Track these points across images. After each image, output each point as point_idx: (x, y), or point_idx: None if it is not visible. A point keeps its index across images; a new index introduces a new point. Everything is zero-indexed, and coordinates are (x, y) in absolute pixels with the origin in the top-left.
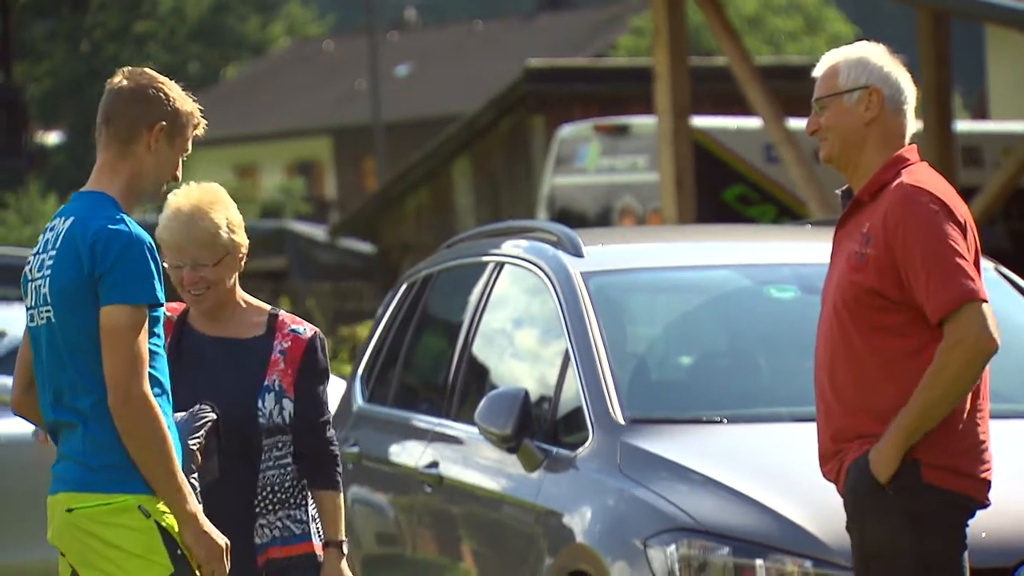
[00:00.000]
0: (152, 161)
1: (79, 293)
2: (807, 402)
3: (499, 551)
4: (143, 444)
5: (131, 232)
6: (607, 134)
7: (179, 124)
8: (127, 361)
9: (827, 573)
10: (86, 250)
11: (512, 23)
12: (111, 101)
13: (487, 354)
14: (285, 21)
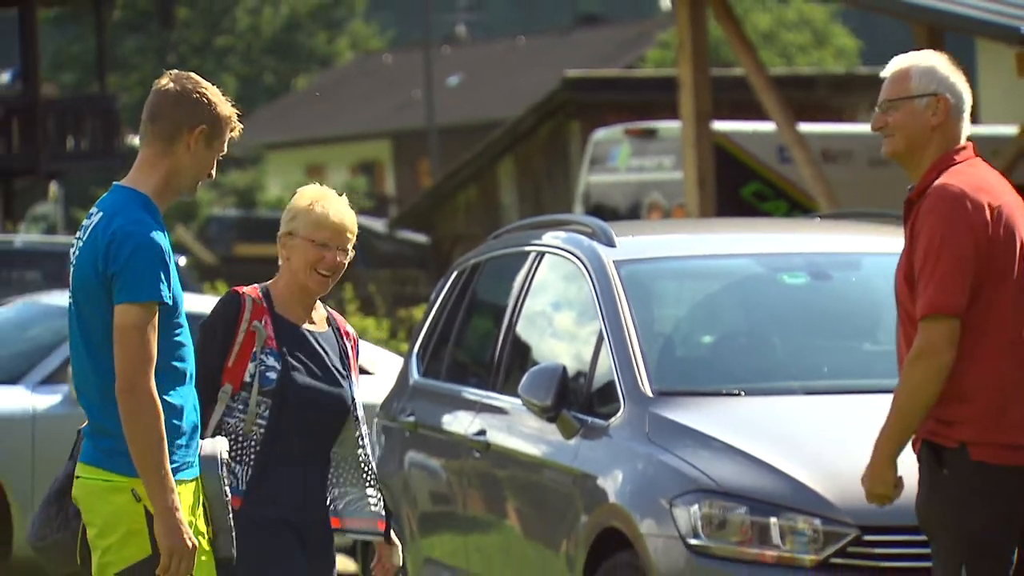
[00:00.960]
0: (190, 160)
1: (95, 289)
2: (817, 376)
3: (540, 510)
4: (138, 435)
5: (146, 234)
6: (637, 137)
7: (218, 127)
8: (134, 357)
9: (834, 530)
10: (103, 249)
11: (551, 38)
12: (157, 101)
13: (529, 334)
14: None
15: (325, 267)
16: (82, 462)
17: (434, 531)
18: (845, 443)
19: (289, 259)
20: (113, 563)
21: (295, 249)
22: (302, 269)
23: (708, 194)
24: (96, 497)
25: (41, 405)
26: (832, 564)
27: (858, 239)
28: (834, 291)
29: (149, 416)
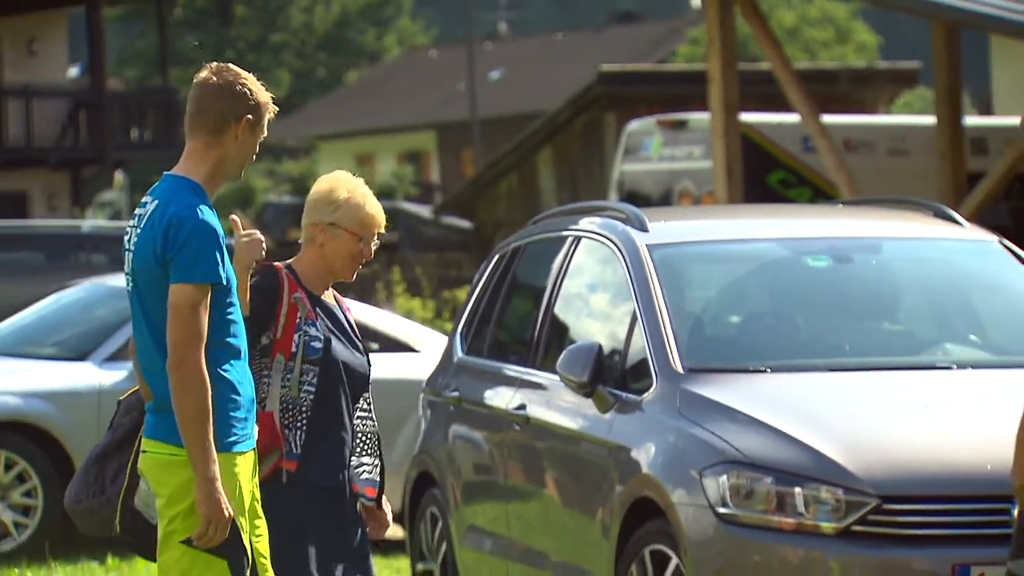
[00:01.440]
0: (237, 149)
1: (154, 271)
2: (839, 354)
3: (577, 480)
4: (185, 407)
5: (200, 218)
6: (668, 128)
7: (260, 115)
8: (185, 334)
9: (856, 499)
10: (160, 234)
11: (587, 35)
12: (201, 95)
13: (566, 314)
14: (397, 33)
15: (364, 259)
16: (148, 437)
17: (476, 500)
18: (866, 417)
19: (324, 245)
20: (179, 531)
21: (336, 240)
22: (340, 258)
23: (736, 182)
24: (163, 470)
25: (107, 380)
26: (853, 532)
27: (878, 224)
28: (855, 274)
29: (196, 390)
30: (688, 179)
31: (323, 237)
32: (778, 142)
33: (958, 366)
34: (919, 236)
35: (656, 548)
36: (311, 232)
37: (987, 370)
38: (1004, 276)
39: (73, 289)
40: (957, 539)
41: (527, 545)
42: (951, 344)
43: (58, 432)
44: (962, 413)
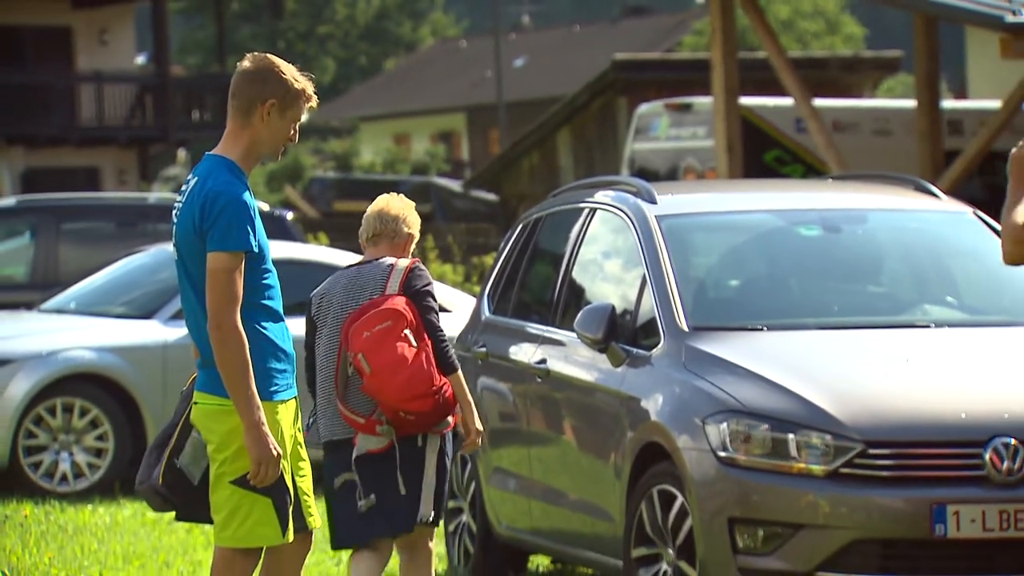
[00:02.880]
0: (266, 131)
1: (195, 242)
2: (828, 314)
3: (592, 427)
4: (226, 363)
5: (233, 192)
6: (675, 111)
7: (289, 99)
8: (222, 297)
9: (843, 445)
10: (198, 208)
11: (602, 26)
12: (236, 81)
13: (583, 278)
14: (431, 25)
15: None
16: (198, 390)
17: (502, 445)
18: (852, 370)
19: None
20: (228, 473)
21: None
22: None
23: (736, 159)
24: (211, 419)
25: (171, 337)
26: (841, 474)
27: (864, 197)
28: (843, 242)
29: (235, 347)
30: (692, 156)
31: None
32: (773, 123)
33: (936, 325)
34: (901, 208)
35: (663, 488)
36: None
37: (962, 328)
38: (977, 244)
39: (140, 254)
40: (934, 481)
41: (547, 485)
42: (929, 305)
43: (127, 383)
44: (939, 367)
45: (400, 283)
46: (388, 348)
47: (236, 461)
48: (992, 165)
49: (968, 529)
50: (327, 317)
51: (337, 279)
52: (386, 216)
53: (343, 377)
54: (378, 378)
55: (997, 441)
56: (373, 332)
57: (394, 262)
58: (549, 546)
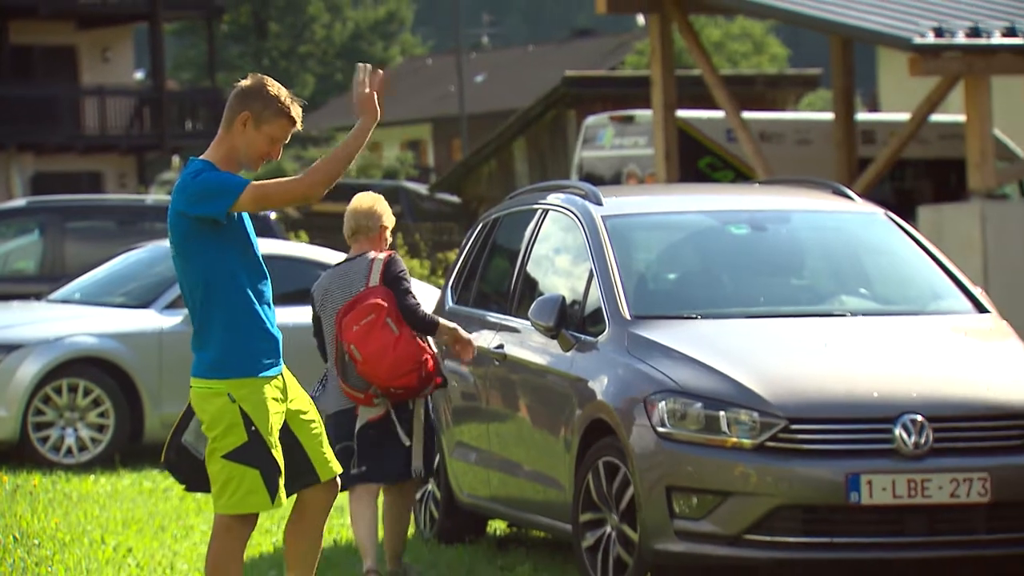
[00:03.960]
0: (242, 140)
1: (177, 227)
2: (755, 304)
3: (544, 405)
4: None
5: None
6: (619, 122)
7: (266, 115)
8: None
9: (768, 421)
10: (177, 192)
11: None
12: (231, 94)
13: (536, 271)
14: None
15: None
16: (192, 375)
17: (463, 421)
18: (776, 354)
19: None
20: (219, 448)
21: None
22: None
23: (673, 166)
24: (202, 400)
25: (166, 324)
26: (766, 447)
27: (787, 200)
28: (769, 239)
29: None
30: (634, 163)
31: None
32: (707, 133)
33: (851, 313)
34: (820, 209)
35: (608, 460)
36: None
37: (874, 317)
38: (888, 241)
39: (138, 250)
40: (849, 453)
41: (504, 457)
42: (845, 296)
43: (126, 366)
44: (854, 352)
45: (380, 274)
46: (374, 339)
47: (225, 438)
48: (901, 171)
49: (880, 496)
50: (327, 309)
51: (331, 275)
52: (359, 213)
53: (341, 362)
54: (368, 364)
55: (905, 418)
56: (360, 326)
57: (374, 256)
58: (506, 512)
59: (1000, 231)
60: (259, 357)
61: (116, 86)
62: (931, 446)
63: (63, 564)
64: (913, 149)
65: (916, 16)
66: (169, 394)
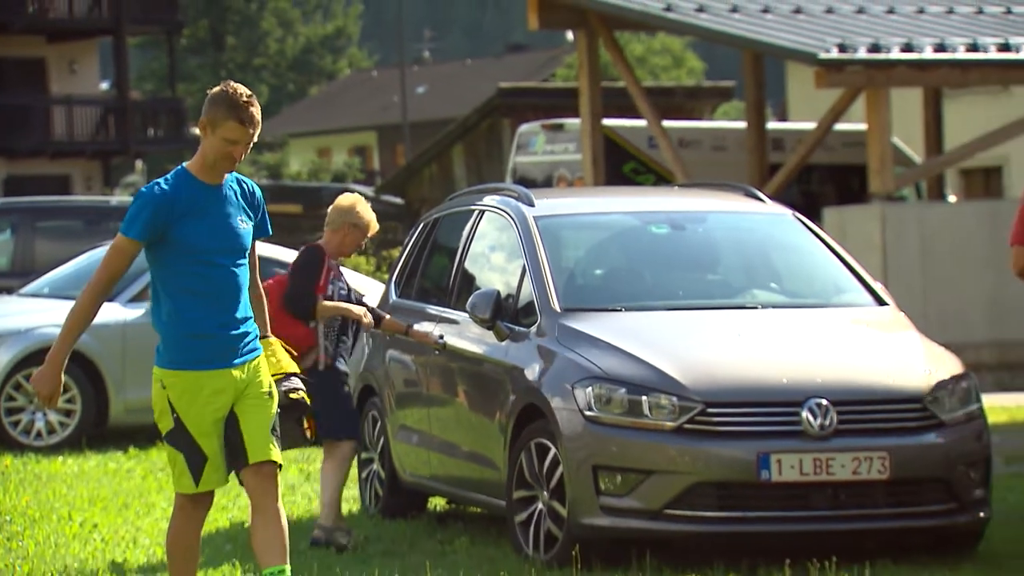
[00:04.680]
0: (208, 146)
1: None
2: (675, 297)
3: (481, 391)
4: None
5: (145, 188)
6: (550, 130)
7: (217, 120)
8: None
9: (686, 405)
10: None
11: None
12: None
13: (473, 267)
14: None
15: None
16: None
17: (406, 406)
18: (694, 344)
19: (346, 237)
20: (160, 431)
21: (354, 234)
22: (352, 248)
23: (599, 170)
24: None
25: (130, 316)
26: (685, 429)
27: (704, 201)
28: (687, 238)
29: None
30: (564, 168)
31: (343, 231)
32: (630, 140)
33: (762, 306)
34: (734, 210)
35: (539, 441)
36: (338, 227)
37: (783, 309)
38: (796, 240)
39: (103, 247)
40: (760, 434)
41: (444, 439)
42: (757, 290)
43: (92, 355)
44: (765, 341)
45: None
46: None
47: (160, 421)
48: (808, 176)
49: (788, 474)
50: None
51: None
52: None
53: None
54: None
55: (812, 402)
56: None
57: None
58: (445, 490)
59: (898, 231)
60: (193, 352)
61: (83, 96)
62: (835, 427)
63: (33, 539)
64: (819, 155)
65: (822, 33)
66: (132, 382)
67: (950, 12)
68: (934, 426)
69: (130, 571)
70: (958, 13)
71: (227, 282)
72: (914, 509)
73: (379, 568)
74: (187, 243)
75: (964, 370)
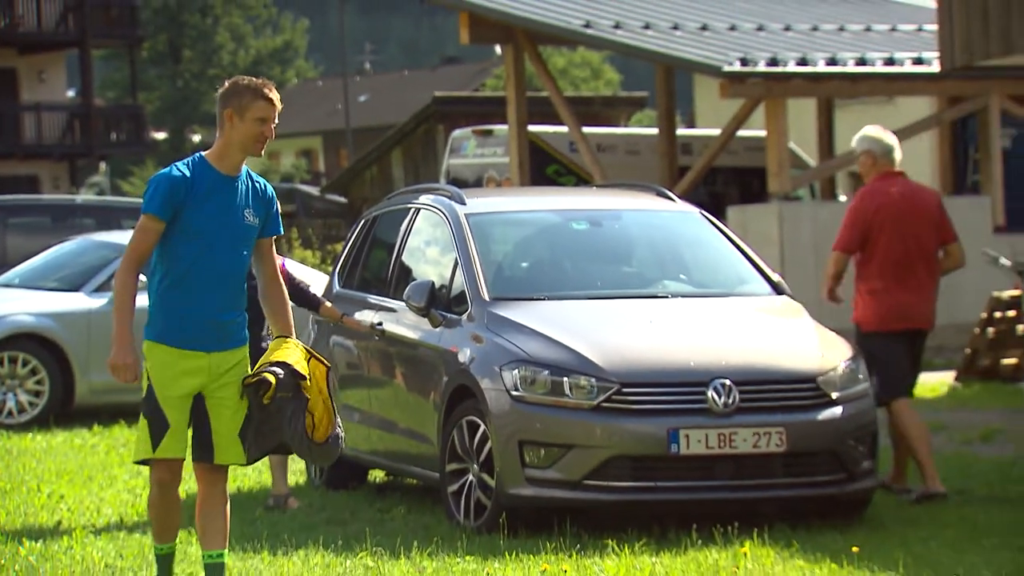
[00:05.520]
0: (236, 136)
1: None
2: (593, 288)
3: (416, 373)
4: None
5: (161, 172)
6: (480, 135)
7: (244, 104)
8: (127, 249)
9: (604, 385)
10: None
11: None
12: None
13: (410, 260)
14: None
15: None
16: None
17: (348, 387)
18: (610, 329)
19: None
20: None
21: None
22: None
23: (525, 172)
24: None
25: (94, 305)
26: (602, 407)
27: (620, 200)
28: (604, 233)
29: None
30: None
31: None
32: (553, 145)
33: (672, 295)
34: (647, 208)
35: (470, 419)
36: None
37: (691, 298)
38: (702, 235)
39: (69, 242)
40: (670, 412)
41: (383, 417)
42: (667, 281)
43: (59, 340)
44: (674, 327)
45: None
46: None
47: (141, 389)
48: (713, 177)
49: (695, 447)
50: None
51: None
52: None
53: None
54: None
55: (716, 382)
56: None
57: None
58: (384, 463)
59: (794, 228)
60: (175, 331)
61: (51, 103)
62: (737, 405)
63: (4, 509)
64: (723, 159)
65: (725, 48)
66: (97, 365)
67: (841, 30)
68: (826, 404)
69: (94, 537)
70: (848, 31)
71: (222, 269)
72: (808, 479)
73: (323, 535)
74: (192, 226)
75: (853, 353)
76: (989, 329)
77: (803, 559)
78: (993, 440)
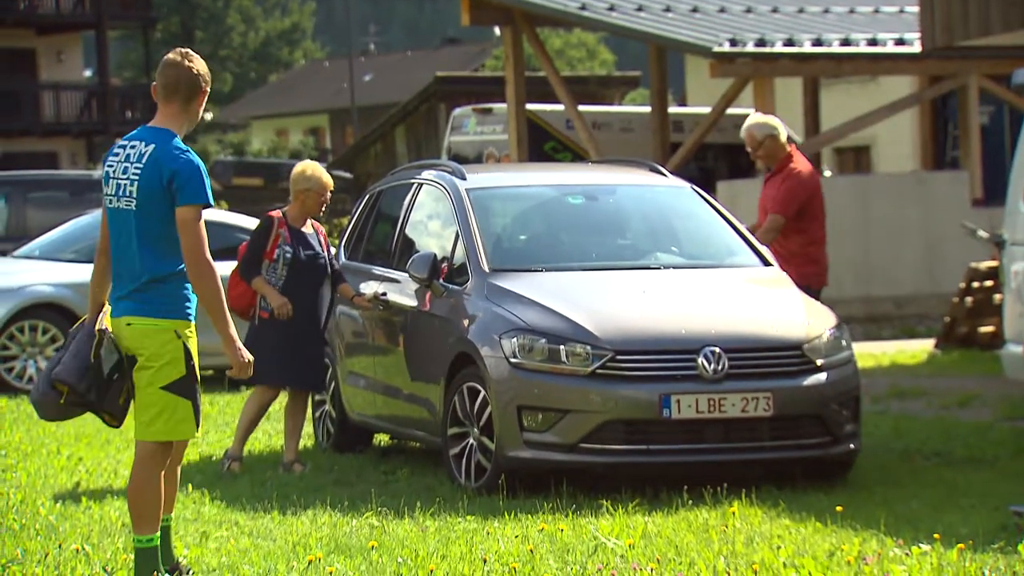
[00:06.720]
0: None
1: (159, 196)
2: (589, 259)
3: (419, 340)
4: (205, 290)
5: (197, 158)
6: (480, 113)
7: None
8: (197, 240)
9: (599, 352)
10: (167, 171)
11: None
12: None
13: (413, 233)
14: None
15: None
16: (130, 315)
17: (354, 355)
18: (605, 299)
19: (304, 201)
20: (158, 380)
21: (310, 196)
22: (314, 208)
23: (523, 149)
24: (146, 336)
25: None
26: (597, 374)
27: (614, 176)
28: (599, 207)
29: (212, 278)
30: (493, 146)
31: (303, 196)
32: (550, 122)
33: (664, 267)
34: (640, 183)
35: (471, 385)
36: (297, 193)
37: (682, 270)
38: (693, 209)
39: (87, 216)
40: (662, 378)
41: (387, 383)
42: (660, 253)
43: (78, 309)
44: (666, 297)
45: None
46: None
47: (164, 369)
48: (704, 154)
49: (686, 412)
50: None
51: None
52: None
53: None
54: None
55: (707, 349)
56: None
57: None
58: (388, 427)
59: None
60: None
61: (69, 82)
62: (726, 372)
63: (26, 471)
64: (713, 136)
65: (715, 29)
66: None
67: (826, 11)
68: (811, 370)
69: (112, 498)
70: (833, 12)
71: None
72: (794, 442)
73: (331, 495)
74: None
75: (837, 321)
76: (967, 298)
77: (789, 518)
78: (971, 405)
